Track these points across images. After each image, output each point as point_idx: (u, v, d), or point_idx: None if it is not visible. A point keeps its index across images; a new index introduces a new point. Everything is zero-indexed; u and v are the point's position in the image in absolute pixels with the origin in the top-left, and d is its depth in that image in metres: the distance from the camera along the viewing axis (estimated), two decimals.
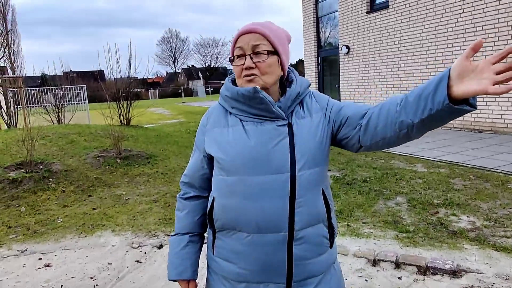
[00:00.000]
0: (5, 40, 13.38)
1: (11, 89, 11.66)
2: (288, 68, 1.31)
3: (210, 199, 1.29)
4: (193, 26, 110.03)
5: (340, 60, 13.00)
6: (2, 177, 5.37)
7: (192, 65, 79.95)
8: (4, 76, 11.83)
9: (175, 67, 76.53)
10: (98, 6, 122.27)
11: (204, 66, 78.60)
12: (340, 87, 13.10)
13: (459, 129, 8.96)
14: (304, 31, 14.82)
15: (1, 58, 12.33)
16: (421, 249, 3.21)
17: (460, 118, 8.44)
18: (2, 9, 14.08)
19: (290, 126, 1.21)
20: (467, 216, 3.83)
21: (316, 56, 14.50)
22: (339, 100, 13.11)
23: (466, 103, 0.96)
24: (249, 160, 1.17)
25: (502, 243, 3.22)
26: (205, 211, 1.35)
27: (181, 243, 1.35)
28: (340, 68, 13.03)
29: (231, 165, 1.19)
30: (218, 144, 1.23)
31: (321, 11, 14.22)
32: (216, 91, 58.61)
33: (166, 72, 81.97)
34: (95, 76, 25.56)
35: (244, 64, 1.20)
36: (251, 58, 1.19)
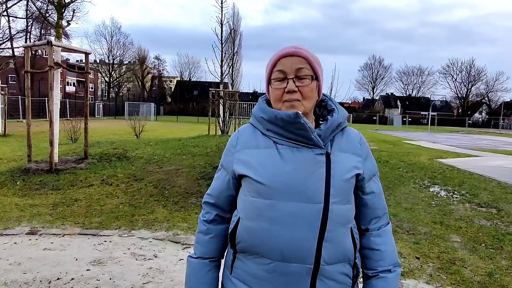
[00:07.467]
0: (231, 60, 15.85)
1: (229, 101, 13.72)
2: (325, 95, 1.31)
3: (234, 219, 1.25)
4: (391, 54, 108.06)
5: None
6: (211, 175, 6.28)
7: (391, 93, 77.55)
8: (226, 90, 14.02)
9: (373, 94, 75.71)
10: (302, 34, 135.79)
11: (404, 95, 75.14)
12: None
13: None
14: None
15: (226, 75, 14.65)
16: None
17: None
18: (233, 34, 16.78)
19: (327, 156, 1.18)
20: None
21: None
22: None
23: None
24: (284, 186, 1.14)
25: None
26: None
27: (204, 268, 1.31)
28: None
29: (264, 187, 1.16)
30: (250, 166, 1.20)
31: None
32: (414, 121, 54.76)
33: (363, 98, 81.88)
34: None
35: (286, 87, 1.18)
36: (294, 82, 1.18)
